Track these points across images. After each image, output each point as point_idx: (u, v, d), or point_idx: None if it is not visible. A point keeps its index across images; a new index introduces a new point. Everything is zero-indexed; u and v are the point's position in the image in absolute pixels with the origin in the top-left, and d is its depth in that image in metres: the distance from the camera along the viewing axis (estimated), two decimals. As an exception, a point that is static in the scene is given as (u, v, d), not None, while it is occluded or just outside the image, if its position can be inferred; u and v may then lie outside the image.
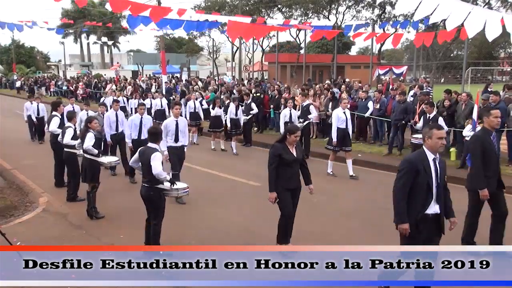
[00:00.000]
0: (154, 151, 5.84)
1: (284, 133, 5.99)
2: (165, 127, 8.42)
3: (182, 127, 8.65)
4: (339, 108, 10.53)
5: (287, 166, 5.85)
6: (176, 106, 8.71)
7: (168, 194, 6.05)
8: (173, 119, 8.59)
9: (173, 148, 8.51)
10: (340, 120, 10.27)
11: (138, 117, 9.87)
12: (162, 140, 7.91)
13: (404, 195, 4.39)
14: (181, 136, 8.61)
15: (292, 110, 12.13)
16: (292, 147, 5.93)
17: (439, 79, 40.56)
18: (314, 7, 36.77)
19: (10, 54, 56.52)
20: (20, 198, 9.19)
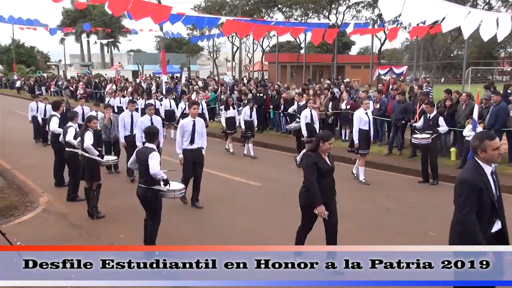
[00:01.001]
0: (151, 151, 5.85)
1: (316, 140, 5.48)
2: (181, 127, 8.06)
3: (199, 128, 8.17)
4: (361, 109, 10.10)
5: (321, 177, 5.36)
6: (194, 106, 8.22)
7: (165, 195, 6.03)
8: (190, 119, 8.12)
9: (188, 151, 8.06)
10: (362, 121, 9.87)
11: (147, 119, 9.39)
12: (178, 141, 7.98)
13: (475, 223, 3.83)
14: (198, 138, 8.12)
15: (313, 110, 11.52)
16: (325, 155, 5.48)
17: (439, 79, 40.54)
18: (314, 7, 36.76)
19: (10, 54, 56.57)
20: (20, 198, 9.20)
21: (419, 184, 9.88)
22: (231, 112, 13.37)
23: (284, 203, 8.61)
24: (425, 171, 9.87)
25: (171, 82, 25.15)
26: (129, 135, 9.94)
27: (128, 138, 9.92)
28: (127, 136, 9.96)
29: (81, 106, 12.48)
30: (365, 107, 10.00)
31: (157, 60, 46.21)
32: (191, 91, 19.62)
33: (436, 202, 8.54)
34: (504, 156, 11.00)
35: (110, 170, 10.78)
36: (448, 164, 10.95)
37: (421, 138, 9.63)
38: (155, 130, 6.22)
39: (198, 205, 8.17)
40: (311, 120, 11.23)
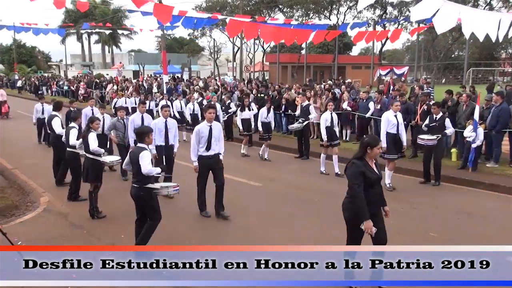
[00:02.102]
0: (142, 150, 5.87)
1: (362, 147, 5.01)
2: (197, 133, 7.48)
3: (216, 133, 7.57)
4: (390, 111, 9.63)
5: (369, 187, 4.88)
6: (209, 110, 7.57)
7: (159, 193, 6.06)
8: (206, 124, 7.53)
9: (204, 158, 7.51)
10: (390, 124, 9.37)
11: (162, 121, 8.78)
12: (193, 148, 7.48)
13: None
14: (215, 144, 7.54)
15: (333, 113, 10.89)
16: (373, 163, 5.03)
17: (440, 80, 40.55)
18: (315, 7, 36.79)
19: (12, 54, 56.62)
20: (21, 198, 9.21)
21: (420, 184, 9.87)
22: (247, 114, 12.95)
23: (285, 203, 8.62)
24: (427, 172, 9.85)
25: (172, 82, 25.12)
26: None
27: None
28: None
29: (91, 107, 11.97)
30: (395, 109, 9.49)
31: (158, 60, 46.27)
32: (192, 91, 19.61)
33: (437, 203, 8.53)
34: (505, 157, 11.00)
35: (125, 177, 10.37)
36: (449, 165, 10.93)
37: (428, 139, 9.56)
38: (145, 130, 6.19)
39: (225, 214, 7.58)
40: (331, 124, 10.68)
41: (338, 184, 9.98)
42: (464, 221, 7.60)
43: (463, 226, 7.34)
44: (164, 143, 8.67)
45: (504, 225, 7.37)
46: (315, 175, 10.83)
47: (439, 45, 41.89)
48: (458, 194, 9.32)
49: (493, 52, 51.01)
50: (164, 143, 8.67)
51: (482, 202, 8.64)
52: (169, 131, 8.72)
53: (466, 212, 8.03)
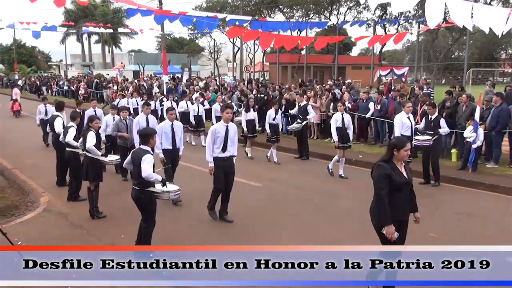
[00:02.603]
0: (145, 153, 5.79)
1: (389, 148, 4.79)
2: (213, 133, 7.26)
3: (232, 134, 7.37)
4: (402, 112, 9.43)
5: (395, 191, 4.65)
6: (226, 110, 7.36)
7: (159, 197, 5.99)
8: (223, 125, 7.32)
9: (219, 160, 7.29)
10: (404, 126, 9.18)
11: (168, 124, 8.50)
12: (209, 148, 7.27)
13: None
14: (230, 145, 7.35)
15: (345, 114, 10.54)
16: (401, 165, 4.78)
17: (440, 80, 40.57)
18: (315, 7, 36.80)
19: (12, 54, 56.64)
20: (21, 198, 9.21)
21: (420, 185, 9.85)
22: (251, 114, 12.70)
23: (285, 203, 8.62)
24: (426, 173, 9.85)
25: (172, 82, 25.11)
26: None
27: None
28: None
29: (93, 108, 11.77)
30: (407, 111, 9.30)
31: (158, 60, 46.29)
32: (192, 91, 19.60)
33: (437, 203, 8.53)
34: (505, 157, 11.01)
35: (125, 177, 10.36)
36: (449, 165, 10.94)
37: (423, 139, 9.60)
38: (149, 132, 6.16)
39: (228, 218, 7.46)
40: (343, 125, 10.31)
41: (338, 185, 10.01)
42: (464, 222, 7.60)
43: (463, 227, 7.35)
44: (171, 146, 8.44)
45: (504, 226, 7.37)
46: (315, 175, 10.83)
47: (439, 45, 41.95)
48: (458, 194, 9.32)
49: (493, 53, 51.09)
50: (172, 147, 8.44)
51: (482, 203, 8.64)
52: (175, 134, 8.50)
53: (466, 213, 8.03)
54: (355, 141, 14.30)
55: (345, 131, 10.30)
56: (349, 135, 10.44)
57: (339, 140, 10.25)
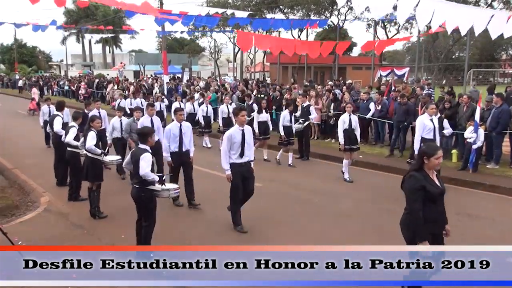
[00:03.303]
0: (144, 152, 5.81)
1: (419, 157, 4.52)
2: (229, 138, 6.84)
3: (248, 138, 6.98)
4: (425, 114, 8.98)
5: (429, 202, 4.38)
6: (242, 113, 6.92)
7: (159, 195, 6.00)
8: (239, 129, 6.91)
9: (237, 166, 6.90)
10: (426, 129, 8.72)
11: (176, 125, 8.17)
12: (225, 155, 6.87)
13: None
14: (247, 149, 6.97)
15: (352, 115, 10.23)
16: (433, 174, 4.48)
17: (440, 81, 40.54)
18: (316, 8, 36.81)
19: (12, 54, 56.72)
20: (22, 198, 9.22)
21: (420, 185, 9.86)
22: (264, 116, 12.33)
23: (285, 203, 8.62)
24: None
25: (172, 82, 25.10)
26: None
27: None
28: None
29: (97, 109, 11.45)
30: (431, 112, 8.85)
31: (159, 60, 46.30)
32: (193, 91, 19.60)
33: (437, 204, 8.52)
34: (505, 158, 11.00)
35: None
36: (449, 166, 10.93)
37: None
38: (146, 130, 6.15)
39: (243, 229, 7.04)
40: (349, 126, 10.04)
41: (339, 185, 10.01)
42: (464, 222, 7.60)
43: (463, 227, 7.33)
44: (178, 149, 8.09)
45: (504, 226, 7.38)
46: (316, 175, 10.82)
47: (440, 46, 41.91)
48: (459, 195, 9.31)
49: (493, 53, 51.05)
50: (178, 149, 8.09)
51: (483, 203, 8.63)
52: (184, 135, 8.12)
53: (467, 213, 8.02)
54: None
55: (353, 132, 10.06)
56: (356, 137, 10.19)
57: (346, 142, 10.00)
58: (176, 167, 8.10)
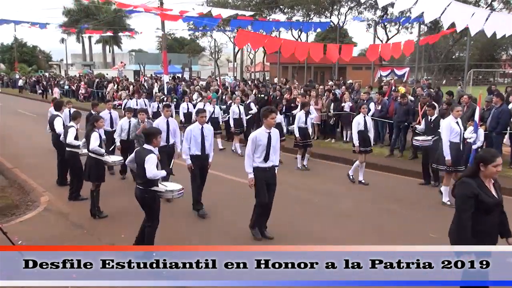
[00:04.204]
0: (148, 153, 5.77)
1: (475, 162, 4.13)
2: (253, 141, 6.45)
3: (274, 141, 6.56)
4: (450, 116, 8.54)
5: (482, 213, 3.97)
6: (271, 115, 6.44)
7: (163, 196, 6.01)
8: (265, 131, 6.49)
9: (260, 170, 6.52)
10: (453, 132, 8.36)
11: (198, 128, 7.72)
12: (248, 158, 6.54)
13: None
14: (273, 153, 6.58)
15: (367, 116, 9.96)
16: (490, 183, 4.10)
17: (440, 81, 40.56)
18: (316, 8, 36.86)
19: (12, 53, 56.74)
20: (22, 197, 9.21)
21: (420, 185, 9.87)
22: (278, 118, 12.35)
23: (285, 203, 8.61)
24: (426, 173, 9.86)
25: (172, 82, 25.10)
26: (165, 145, 8.44)
27: (163, 148, 8.25)
28: (163, 147, 8.20)
29: (108, 110, 11.09)
30: (456, 115, 8.47)
31: (159, 60, 46.33)
32: (192, 91, 19.60)
33: (437, 204, 8.53)
34: (505, 158, 10.99)
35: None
36: (449, 165, 10.93)
37: (422, 140, 9.61)
38: (153, 131, 6.12)
39: (269, 235, 6.77)
40: (365, 128, 9.78)
41: (338, 185, 10.01)
42: (464, 222, 7.59)
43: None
44: (200, 152, 7.70)
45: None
46: (315, 175, 10.82)
47: (440, 46, 41.94)
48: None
49: (493, 54, 51.07)
50: (201, 153, 7.71)
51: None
52: (205, 139, 7.72)
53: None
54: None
55: (367, 134, 9.85)
56: (370, 138, 10.00)
57: (361, 144, 9.76)
58: (196, 171, 7.79)
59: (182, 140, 8.09)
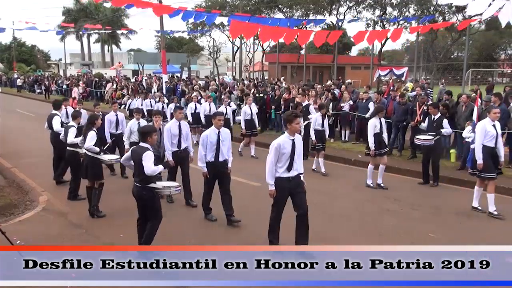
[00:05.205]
0: (145, 150, 5.79)
1: None
2: (277, 150, 5.88)
3: (299, 149, 6.08)
4: (487, 119, 8.06)
5: None
6: (296, 120, 5.94)
7: (161, 193, 6.04)
8: (289, 138, 5.97)
9: (283, 181, 5.96)
10: (488, 135, 7.85)
11: (214, 132, 7.29)
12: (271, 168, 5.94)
13: None
14: (297, 162, 6.07)
15: (383, 119, 9.64)
16: None
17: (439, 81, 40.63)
18: (315, 7, 36.88)
19: (11, 52, 56.62)
20: (20, 197, 9.18)
21: (419, 185, 9.88)
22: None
23: (284, 203, 8.61)
24: (426, 173, 9.86)
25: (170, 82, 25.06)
26: (176, 150, 8.15)
27: (175, 154, 8.13)
28: (175, 152, 8.11)
29: (115, 112, 10.59)
30: (494, 117, 7.98)
31: (158, 59, 46.29)
32: (191, 90, 19.57)
33: (436, 204, 8.54)
34: (504, 158, 10.99)
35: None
36: (448, 165, 10.95)
37: (424, 139, 9.58)
38: (147, 129, 6.13)
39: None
40: (381, 130, 9.50)
41: (338, 185, 10.02)
42: (464, 222, 7.61)
43: (462, 227, 7.35)
44: (214, 159, 7.26)
45: (503, 226, 7.38)
46: (315, 175, 10.81)
47: (439, 46, 41.99)
48: (457, 195, 9.32)
49: (492, 53, 51.16)
50: (214, 159, 7.27)
51: (481, 203, 8.62)
52: (222, 144, 7.28)
53: (466, 213, 8.03)
54: (354, 141, 14.33)
55: (382, 136, 9.57)
56: (385, 140, 9.74)
57: (376, 147, 9.46)
58: (211, 179, 7.38)
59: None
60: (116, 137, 10.25)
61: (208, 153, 7.24)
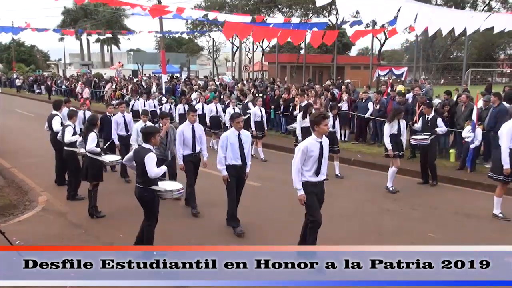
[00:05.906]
0: (148, 152, 5.77)
1: None
2: (303, 152, 5.55)
3: (326, 152, 5.77)
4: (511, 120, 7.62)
5: None
6: (324, 121, 5.52)
7: (162, 196, 5.98)
8: (316, 140, 5.61)
9: (311, 186, 5.69)
10: None
11: (234, 134, 7.00)
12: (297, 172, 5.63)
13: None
14: (324, 166, 5.83)
15: (401, 121, 9.33)
16: None
17: (439, 80, 40.65)
18: (314, 7, 36.85)
19: (10, 52, 56.55)
20: (20, 197, 9.18)
21: (418, 185, 9.88)
22: (307, 121, 11.77)
23: (284, 203, 8.60)
24: (425, 172, 9.87)
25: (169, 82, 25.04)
26: (190, 153, 7.85)
27: (189, 157, 7.83)
28: (188, 156, 7.82)
29: (122, 113, 10.29)
30: None
31: (157, 59, 46.27)
32: (190, 91, 19.56)
33: (436, 204, 8.54)
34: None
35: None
36: (447, 165, 10.96)
37: (420, 138, 9.64)
38: (150, 130, 6.10)
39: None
40: (398, 131, 9.26)
41: (337, 185, 10.01)
42: (463, 222, 7.61)
43: (462, 227, 7.35)
44: (239, 162, 6.96)
45: (502, 226, 7.38)
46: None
47: (438, 45, 42.01)
48: (457, 194, 9.33)
49: (491, 53, 51.16)
50: (241, 163, 6.99)
51: (481, 203, 8.64)
52: (243, 146, 6.97)
53: (465, 213, 8.03)
54: (353, 141, 14.34)
55: (399, 138, 9.32)
56: (402, 142, 9.44)
57: (394, 148, 9.18)
58: (233, 184, 7.06)
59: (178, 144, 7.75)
60: (125, 140, 9.92)
61: (229, 155, 6.93)
